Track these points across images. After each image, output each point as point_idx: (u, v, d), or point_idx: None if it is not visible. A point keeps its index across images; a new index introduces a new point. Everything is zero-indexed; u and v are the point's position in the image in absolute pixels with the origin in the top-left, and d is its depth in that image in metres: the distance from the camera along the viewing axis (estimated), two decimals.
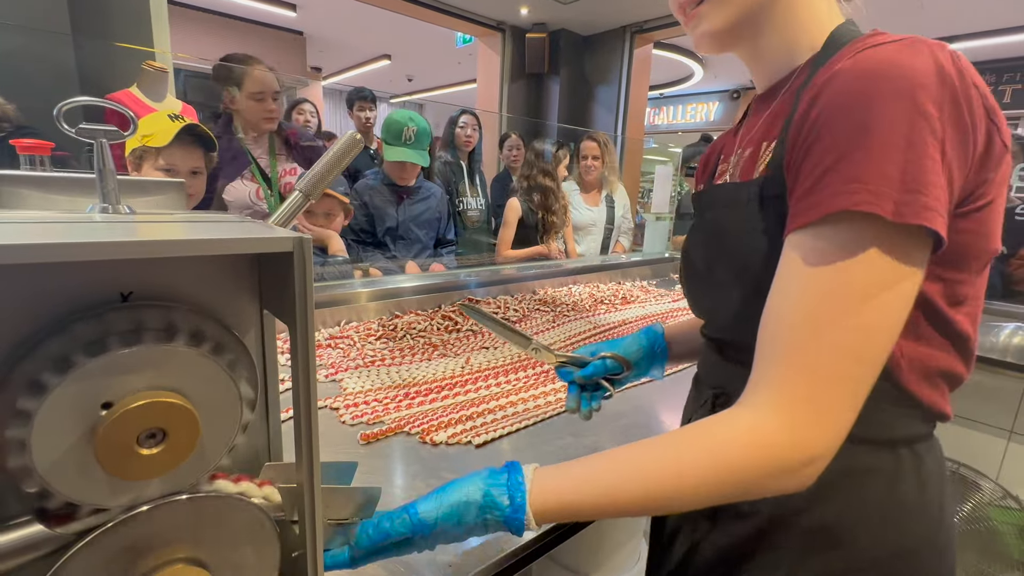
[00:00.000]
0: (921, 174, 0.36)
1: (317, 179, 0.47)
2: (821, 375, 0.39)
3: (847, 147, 0.38)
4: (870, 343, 0.39)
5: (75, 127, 0.42)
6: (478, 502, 0.44)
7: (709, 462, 0.41)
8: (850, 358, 0.39)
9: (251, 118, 1.75)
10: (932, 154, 0.37)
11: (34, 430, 0.28)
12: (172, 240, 0.29)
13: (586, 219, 2.64)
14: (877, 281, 0.38)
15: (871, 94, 0.38)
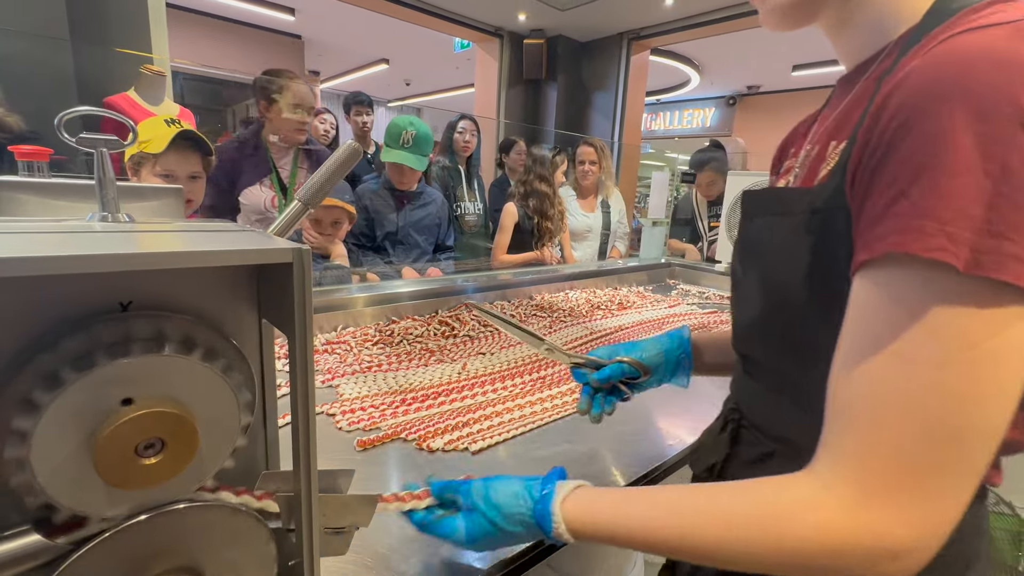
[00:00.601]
0: (1014, 212, 0.28)
1: (316, 188, 0.47)
2: (906, 457, 0.32)
3: (922, 168, 0.30)
4: (960, 416, 0.30)
5: (75, 135, 0.42)
6: (516, 490, 0.48)
7: (758, 524, 0.36)
8: (952, 448, 0.31)
9: (284, 129, 1.78)
10: None
11: (34, 440, 0.28)
12: (173, 252, 0.30)
13: (582, 225, 2.65)
14: (959, 341, 0.30)
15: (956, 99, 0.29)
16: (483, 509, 0.48)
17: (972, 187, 0.29)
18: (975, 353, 0.30)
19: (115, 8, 2.55)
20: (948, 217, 0.29)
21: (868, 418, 0.33)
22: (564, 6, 4.29)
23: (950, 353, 0.30)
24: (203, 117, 2.73)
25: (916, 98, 0.31)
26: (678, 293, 2.09)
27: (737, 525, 0.37)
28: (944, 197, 0.30)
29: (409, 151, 1.86)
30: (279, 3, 5.58)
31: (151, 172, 1.25)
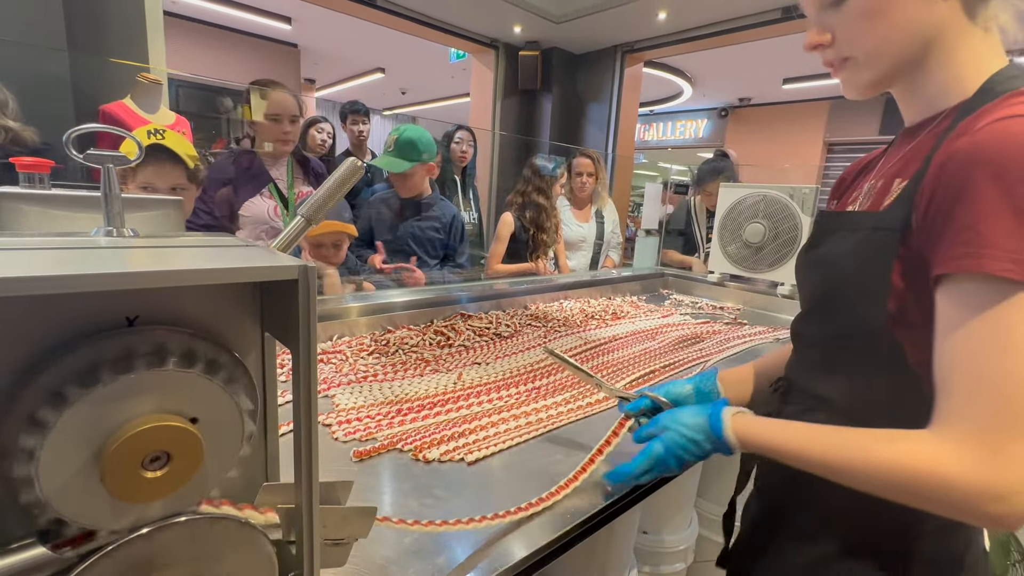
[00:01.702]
0: None
1: (319, 205, 0.48)
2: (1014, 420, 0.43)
3: (986, 216, 0.44)
4: None
5: (78, 149, 0.43)
6: (696, 410, 0.65)
7: (893, 459, 0.47)
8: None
9: (267, 139, 1.78)
10: None
11: (42, 454, 0.29)
12: (180, 270, 0.31)
13: (576, 235, 2.67)
14: None
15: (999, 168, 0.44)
16: (674, 426, 0.64)
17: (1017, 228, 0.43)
18: None
19: (112, 16, 2.56)
20: (1011, 247, 0.43)
21: (999, 393, 0.43)
22: (559, 19, 4.35)
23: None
24: (199, 125, 2.72)
25: (973, 165, 0.45)
26: (671, 303, 2.11)
27: (874, 456, 0.48)
28: (1002, 235, 0.43)
29: (391, 155, 1.86)
30: (276, 12, 5.61)
31: (133, 183, 1.24)
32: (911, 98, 0.59)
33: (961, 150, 0.46)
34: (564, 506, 0.70)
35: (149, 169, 1.24)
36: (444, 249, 2.09)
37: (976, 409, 0.44)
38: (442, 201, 2.08)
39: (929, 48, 0.54)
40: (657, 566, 1.25)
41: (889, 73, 0.57)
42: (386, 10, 4.26)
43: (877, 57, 0.56)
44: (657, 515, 1.24)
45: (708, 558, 1.47)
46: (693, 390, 0.81)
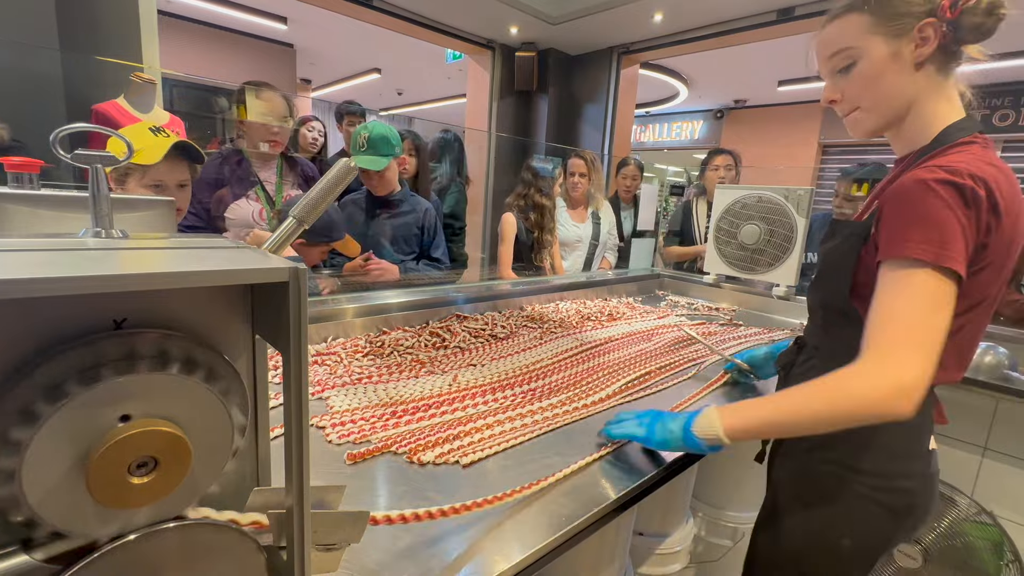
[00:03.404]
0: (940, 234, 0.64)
1: (311, 206, 0.47)
2: (920, 347, 0.63)
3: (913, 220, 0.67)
4: (942, 329, 0.64)
5: (68, 149, 0.42)
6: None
7: (825, 392, 0.67)
8: (936, 339, 0.63)
9: (256, 139, 1.77)
10: (963, 234, 0.64)
11: (25, 460, 0.28)
12: (169, 272, 0.30)
13: (572, 235, 2.67)
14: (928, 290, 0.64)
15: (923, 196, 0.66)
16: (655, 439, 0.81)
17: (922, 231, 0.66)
18: (935, 296, 0.64)
19: (105, 16, 2.54)
20: (918, 240, 0.65)
21: (889, 327, 0.65)
22: (555, 20, 4.36)
23: (927, 297, 0.65)
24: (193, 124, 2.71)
25: (897, 192, 0.70)
26: (667, 304, 2.12)
27: (813, 393, 0.68)
28: (914, 234, 0.66)
29: (364, 154, 1.84)
30: (271, 12, 5.58)
31: (139, 183, 1.23)
32: (897, 140, 0.81)
33: (899, 185, 0.70)
34: (560, 508, 0.69)
35: (163, 168, 1.23)
36: (420, 245, 2.07)
37: (876, 337, 0.66)
38: (412, 196, 2.04)
39: (910, 106, 0.76)
40: (652, 567, 1.24)
41: (884, 123, 0.79)
42: (382, 10, 4.25)
43: (875, 111, 0.78)
44: (652, 516, 1.24)
45: (704, 559, 1.46)
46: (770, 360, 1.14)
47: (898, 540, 0.84)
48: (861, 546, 0.81)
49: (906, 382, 0.61)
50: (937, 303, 0.64)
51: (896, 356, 0.63)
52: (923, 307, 0.64)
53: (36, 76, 2.29)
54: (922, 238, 0.64)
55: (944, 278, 0.64)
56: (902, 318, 0.64)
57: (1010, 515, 1.54)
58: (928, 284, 0.64)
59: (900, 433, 0.77)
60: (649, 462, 0.84)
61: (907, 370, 0.62)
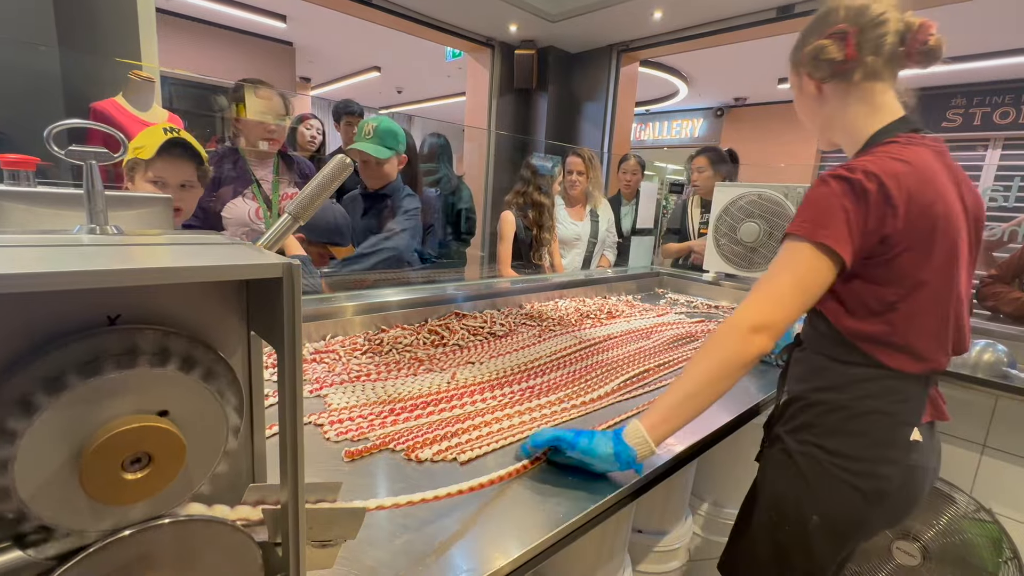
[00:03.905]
0: (817, 215, 0.76)
1: (307, 202, 0.47)
2: (770, 297, 0.76)
3: (804, 205, 0.79)
4: (794, 302, 0.75)
5: (63, 146, 0.42)
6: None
7: (704, 350, 0.77)
8: (787, 293, 0.75)
9: (252, 138, 1.76)
10: (847, 219, 0.74)
11: (18, 455, 0.28)
12: (162, 268, 0.30)
13: (571, 233, 2.66)
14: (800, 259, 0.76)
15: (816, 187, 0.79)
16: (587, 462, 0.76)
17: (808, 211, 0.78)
18: (801, 263, 0.76)
19: (104, 14, 2.54)
20: (802, 219, 0.77)
21: (757, 286, 0.77)
22: (555, 18, 4.35)
23: (793, 263, 0.76)
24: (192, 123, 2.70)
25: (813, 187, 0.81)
26: (667, 302, 2.11)
27: (699, 357, 0.77)
28: (798, 216, 0.79)
29: (369, 141, 1.82)
30: (270, 10, 5.57)
31: (143, 178, 1.24)
32: (845, 149, 0.91)
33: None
34: (558, 505, 0.69)
35: (161, 163, 1.24)
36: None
37: (746, 296, 0.77)
38: (404, 191, 2.01)
39: (831, 120, 0.90)
40: (651, 565, 1.25)
41: (823, 137, 0.95)
42: (382, 8, 4.25)
43: (812, 129, 0.97)
44: (651, 514, 1.24)
45: (702, 557, 1.47)
46: None
47: (874, 526, 0.87)
48: (830, 525, 0.85)
49: (756, 321, 0.73)
50: (800, 268, 0.75)
51: (753, 305, 0.74)
52: (786, 270, 0.75)
53: (34, 74, 2.28)
54: (805, 218, 0.75)
55: (818, 252, 0.73)
56: (768, 279, 0.76)
57: (1009, 512, 1.54)
58: (798, 254, 0.75)
59: (878, 422, 0.83)
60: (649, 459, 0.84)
61: (758, 313, 0.74)
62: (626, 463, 0.73)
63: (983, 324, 1.81)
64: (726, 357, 0.75)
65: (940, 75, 5.89)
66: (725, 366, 0.75)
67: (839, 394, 0.85)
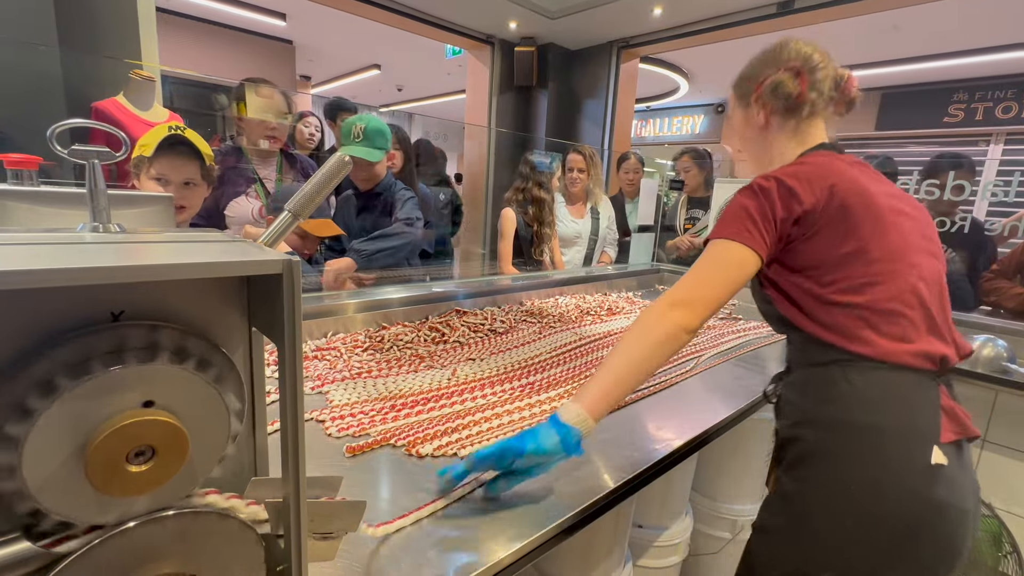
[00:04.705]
0: (735, 222, 0.81)
1: (306, 200, 0.48)
2: (688, 278, 0.80)
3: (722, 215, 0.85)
4: (710, 284, 0.79)
5: (66, 145, 0.43)
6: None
7: (631, 329, 0.79)
8: (703, 273, 0.80)
9: (254, 136, 1.77)
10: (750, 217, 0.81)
11: (25, 449, 0.29)
12: (164, 264, 0.30)
13: (571, 231, 2.67)
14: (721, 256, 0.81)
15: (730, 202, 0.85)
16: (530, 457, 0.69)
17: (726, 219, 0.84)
18: (714, 255, 0.81)
19: (104, 13, 2.54)
20: (718, 227, 0.84)
21: (684, 279, 0.81)
22: (555, 15, 4.33)
23: (708, 257, 0.82)
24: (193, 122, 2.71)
25: None
26: None
27: (626, 336, 0.79)
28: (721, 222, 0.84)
29: (360, 144, 1.82)
30: (270, 8, 5.57)
31: (147, 175, 1.25)
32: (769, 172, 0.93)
33: None
34: (557, 498, 0.70)
35: (163, 161, 1.24)
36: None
37: (682, 283, 0.80)
38: (395, 188, 2.00)
39: (769, 150, 0.95)
40: (651, 560, 1.25)
41: (757, 165, 0.98)
42: (381, 6, 4.24)
43: (747, 157, 1.01)
44: (651, 509, 1.25)
45: (702, 552, 1.47)
46: None
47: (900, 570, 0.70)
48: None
49: (675, 298, 0.78)
50: (714, 254, 0.81)
51: (674, 289, 0.80)
52: (702, 260, 0.82)
53: (36, 74, 2.29)
54: (717, 228, 0.83)
55: (729, 243, 0.80)
56: (690, 272, 0.81)
57: (1009, 507, 1.55)
58: (712, 250, 0.82)
59: (881, 437, 0.72)
60: (645, 452, 0.85)
61: (676, 291, 0.79)
62: (575, 445, 0.70)
63: (983, 319, 1.81)
64: (648, 334, 0.76)
65: (942, 70, 5.86)
66: (646, 340, 0.76)
67: (830, 407, 0.76)
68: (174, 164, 1.27)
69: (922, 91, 6.32)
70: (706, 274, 0.80)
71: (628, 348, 0.77)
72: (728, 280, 0.80)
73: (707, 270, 0.80)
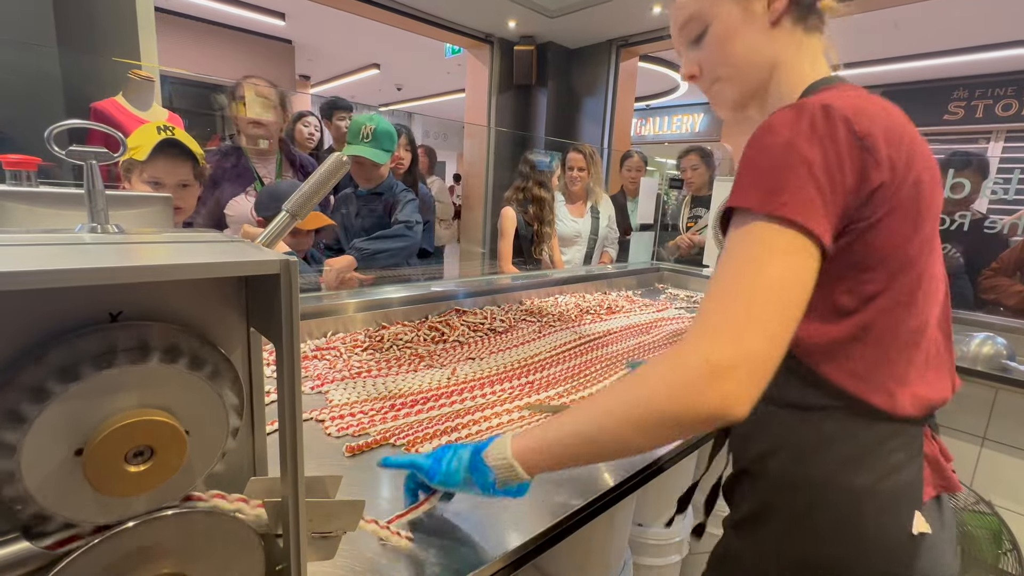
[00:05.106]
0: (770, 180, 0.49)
1: (304, 200, 0.48)
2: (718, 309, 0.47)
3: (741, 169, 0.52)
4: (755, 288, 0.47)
5: (63, 146, 0.43)
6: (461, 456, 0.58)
7: (630, 392, 0.48)
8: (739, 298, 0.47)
9: (242, 127, 1.77)
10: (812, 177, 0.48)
11: (23, 449, 0.29)
12: (161, 265, 0.31)
13: (571, 230, 2.67)
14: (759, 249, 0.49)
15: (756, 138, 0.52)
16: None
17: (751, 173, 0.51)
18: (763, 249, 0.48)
19: (103, 13, 2.54)
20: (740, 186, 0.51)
21: (709, 295, 0.49)
22: (553, 13, 4.33)
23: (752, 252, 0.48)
24: (192, 122, 2.71)
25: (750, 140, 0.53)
26: (667, 297, 2.12)
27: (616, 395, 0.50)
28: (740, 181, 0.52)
29: (368, 145, 1.82)
30: (269, 8, 5.57)
31: (139, 179, 1.25)
32: (764, 115, 0.65)
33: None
34: (557, 497, 0.70)
35: (159, 164, 1.24)
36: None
37: (700, 313, 0.49)
38: (396, 188, 2.01)
39: (771, 73, 0.64)
40: (652, 558, 1.26)
41: (747, 91, 0.66)
42: (381, 5, 4.24)
43: (735, 78, 0.66)
44: (652, 507, 1.25)
45: (703, 550, 1.48)
46: None
47: None
48: None
49: (714, 359, 0.44)
50: (757, 263, 0.47)
51: (708, 327, 0.46)
52: (746, 265, 0.48)
53: (35, 75, 2.29)
54: (750, 184, 0.50)
55: (782, 231, 0.47)
56: (723, 282, 0.48)
57: (1009, 504, 1.55)
58: (750, 243, 0.49)
59: (869, 504, 0.55)
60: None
61: (717, 344, 0.44)
62: (485, 488, 0.55)
63: (983, 317, 1.81)
64: (652, 406, 0.46)
65: (942, 67, 5.86)
66: (647, 418, 0.47)
67: (809, 468, 0.57)
68: (168, 167, 1.26)
69: (922, 89, 6.32)
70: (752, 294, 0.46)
71: (622, 412, 0.48)
72: (791, 301, 0.47)
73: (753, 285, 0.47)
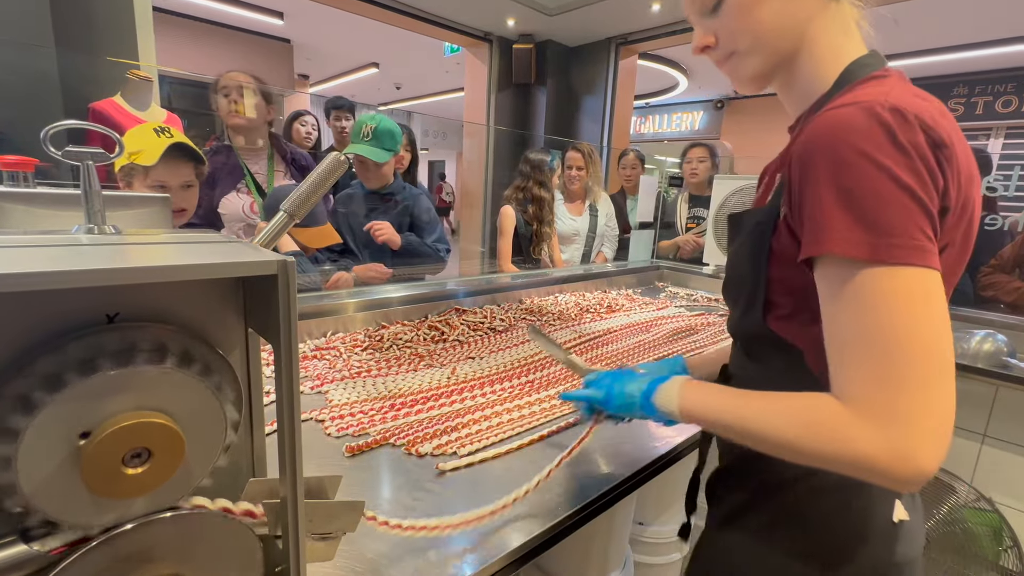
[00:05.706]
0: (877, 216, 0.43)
1: (302, 200, 0.48)
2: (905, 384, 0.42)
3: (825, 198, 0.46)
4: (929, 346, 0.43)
5: (60, 146, 0.43)
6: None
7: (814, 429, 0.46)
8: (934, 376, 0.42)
9: (223, 117, 1.78)
10: (920, 206, 0.43)
11: (20, 451, 0.29)
12: (158, 266, 0.30)
13: (570, 228, 2.66)
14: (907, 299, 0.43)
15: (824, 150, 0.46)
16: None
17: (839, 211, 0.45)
18: (906, 307, 0.43)
19: (101, 13, 2.53)
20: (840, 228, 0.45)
21: (874, 355, 0.44)
22: (552, 12, 4.33)
23: (909, 307, 0.43)
24: (190, 122, 2.71)
25: (806, 154, 0.48)
26: (667, 295, 2.12)
27: (793, 425, 0.48)
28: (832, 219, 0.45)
29: (368, 144, 1.82)
30: (268, 7, 5.55)
31: (143, 184, 1.24)
32: (789, 93, 0.62)
33: (801, 140, 0.49)
34: (557, 496, 0.70)
35: (165, 168, 1.24)
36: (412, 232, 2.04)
37: (860, 376, 0.44)
38: (405, 188, 2.02)
39: (800, 42, 0.57)
40: (652, 556, 1.26)
41: (769, 64, 0.59)
42: (379, 4, 4.23)
43: (756, 49, 0.59)
44: (652, 505, 1.25)
45: None
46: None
47: None
48: None
49: (923, 464, 0.42)
50: (908, 313, 0.43)
51: (886, 411, 0.42)
52: (895, 331, 0.43)
53: (33, 75, 2.28)
54: (844, 223, 0.45)
55: (913, 272, 0.43)
56: (873, 351, 0.43)
57: (1009, 501, 1.55)
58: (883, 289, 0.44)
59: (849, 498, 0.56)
60: (644, 449, 0.85)
61: (920, 441, 0.42)
62: (648, 418, 0.64)
63: (984, 314, 1.80)
64: (845, 468, 0.45)
65: (942, 64, 5.85)
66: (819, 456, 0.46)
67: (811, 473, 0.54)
68: (174, 170, 1.26)
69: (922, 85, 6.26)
70: (916, 365, 0.42)
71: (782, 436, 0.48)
72: (948, 345, 0.43)
73: (912, 353, 0.42)
